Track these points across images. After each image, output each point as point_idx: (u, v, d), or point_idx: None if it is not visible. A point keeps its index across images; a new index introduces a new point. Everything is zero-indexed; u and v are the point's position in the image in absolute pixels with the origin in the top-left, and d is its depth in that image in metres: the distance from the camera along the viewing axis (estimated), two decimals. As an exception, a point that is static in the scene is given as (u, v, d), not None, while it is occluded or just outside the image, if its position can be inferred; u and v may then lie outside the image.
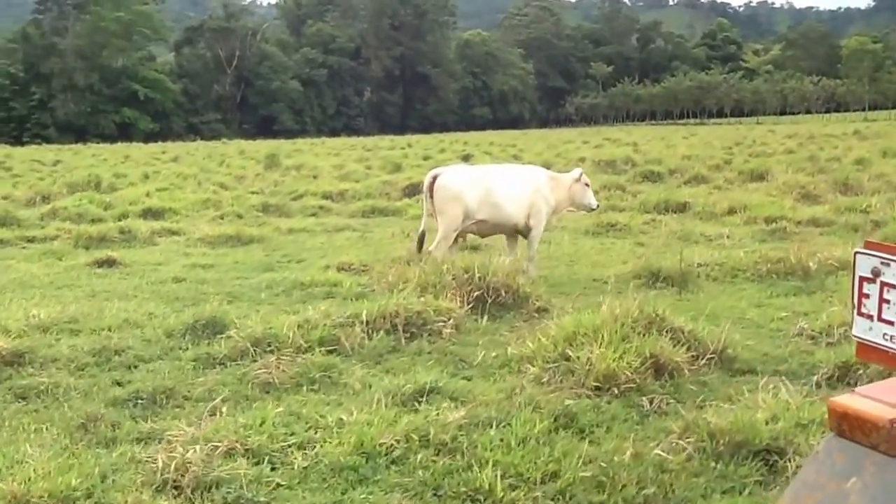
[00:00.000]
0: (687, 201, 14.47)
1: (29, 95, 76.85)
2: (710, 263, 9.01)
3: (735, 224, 12.48)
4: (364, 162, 29.39)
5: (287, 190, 18.98)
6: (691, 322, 6.09)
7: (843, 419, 1.85)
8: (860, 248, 1.93)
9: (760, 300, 7.72)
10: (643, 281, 8.44)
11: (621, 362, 5.06)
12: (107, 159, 36.50)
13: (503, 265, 7.55)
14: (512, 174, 9.27)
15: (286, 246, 11.59)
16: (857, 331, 1.92)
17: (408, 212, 14.91)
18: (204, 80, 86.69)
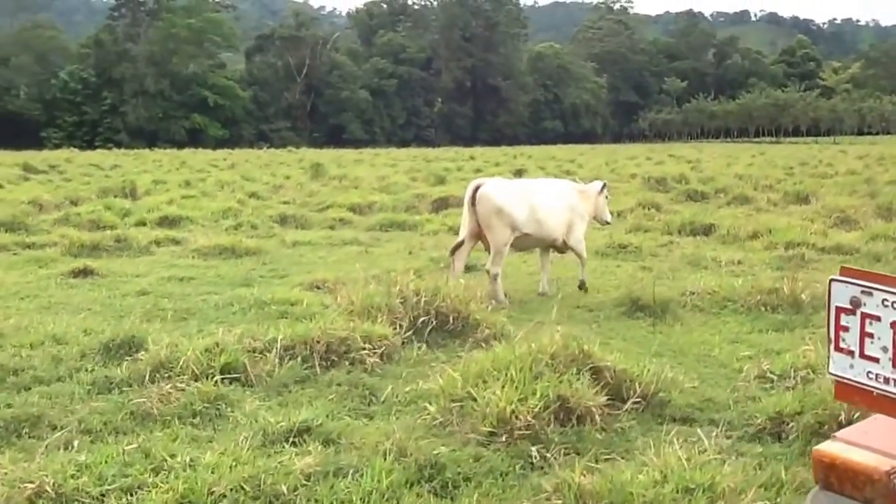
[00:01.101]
0: (713, 223, 13.81)
1: (101, 100, 79.08)
2: (700, 292, 8.44)
3: (755, 249, 11.81)
4: (412, 173, 29.16)
5: (317, 200, 18.83)
6: (632, 359, 5.58)
7: (831, 471, 1.69)
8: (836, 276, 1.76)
9: (738, 335, 7.16)
10: (623, 309, 7.94)
11: (522, 405, 4.60)
12: (162, 165, 37.09)
13: (457, 288, 7.13)
14: (549, 188, 9.22)
15: (281, 259, 11.36)
16: (836, 369, 1.74)
17: (425, 227, 14.59)
18: (274, 88, 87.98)
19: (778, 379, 5.74)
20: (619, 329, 7.39)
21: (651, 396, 5.14)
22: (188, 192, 19.92)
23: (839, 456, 1.71)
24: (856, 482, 1.66)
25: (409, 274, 7.61)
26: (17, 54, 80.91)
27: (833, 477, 1.70)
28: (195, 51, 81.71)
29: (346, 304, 6.91)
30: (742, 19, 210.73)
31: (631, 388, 5.13)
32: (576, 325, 7.42)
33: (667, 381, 5.43)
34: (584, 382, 4.88)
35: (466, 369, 5.14)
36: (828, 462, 1.72)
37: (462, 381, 5.01)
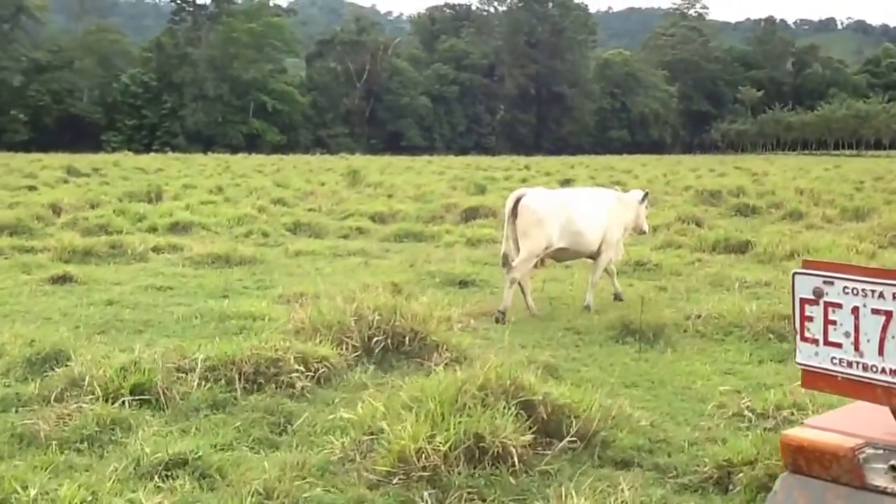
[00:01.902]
0: (749, 241, 13.10)
1: (161, 104, 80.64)
2: (707, 316, 7.86)
3: (789, 269, 11.05)
4: (455, 182, 28.77)
5: (342, 208, 18.60)
6: (591, 391, 5.10)
7: (799, 453, 1.79)
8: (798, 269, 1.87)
9: (733, 365, 6.60)
10: (614, 333, 7.43)
11: (430, 442, 4.17)
12: (205, 169, 37.43)
13: (422, 306, 6.74)
14: (589, 199, 9.14)
15: (275, 270, 11.08)
16: (802, 357, 1.85)
17: (442, 238, 14.22)
18: (333, 93, 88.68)
19: (756, 418, 5.22)
20: (601, 355, 6.89)
21: (593, 435, 4.66)
22: (212, 197, 19.85)
23: (806, 438, 1.79)
24: (822, 461, 1.74)
25: (378, 290, 7.25)
26: (80, 58, 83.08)
27: (801, 459, 1.78)
28: (255, 55, 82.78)
29: (297, 322, 6.57)
30: (827, 27, 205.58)
31: (570, 424, 4.65)
32: (555, 350, 7.01)
33: (621, 418, 4.96)
34: (508, 418, 4.42)
35: (390, 399, 4.74)
36: (795, 445, 1.79)
37: (383, 412, 4.61)
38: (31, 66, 79.57)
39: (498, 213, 16.89)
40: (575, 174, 37.21)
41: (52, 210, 17.17)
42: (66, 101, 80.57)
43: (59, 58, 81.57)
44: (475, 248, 13.20)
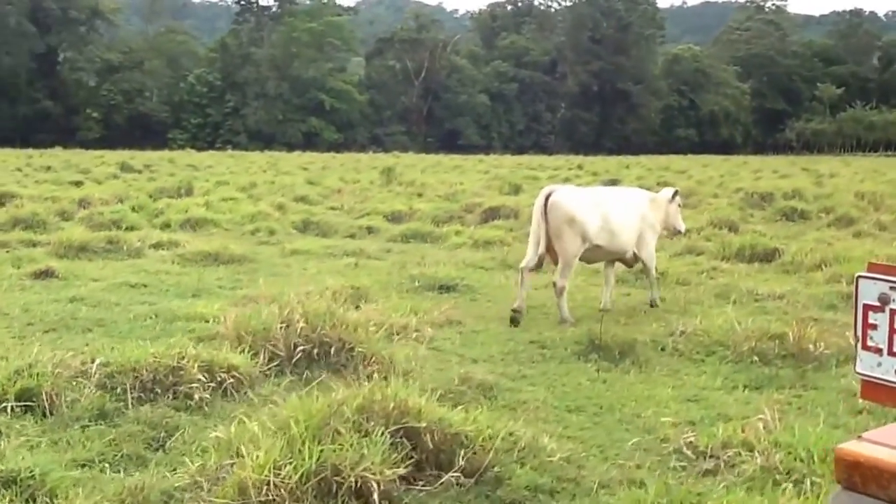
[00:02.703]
0: (777, 248, 12.32)
1: (224, 103, 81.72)
2: (691, 332, 7.24)
3: (814, 281, 10.34)
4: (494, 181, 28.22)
5: (362, 207, 18.26)
6: (507, 418, 4.61)
7: (854, 469, 1.73)
8: (863, 273, 1.79)
9: (701, 391, 6.00)
10: (580, 348, 6.87)
11: (277, 473, 3.72)
12: (250, 166, 37.56)
13: (362, 314, 6.32)
14: (622, 198, 8.93)
15: (260, 269, 10.77)
16: (863, 367, 1.80)
17: (450, 239, 13.76)
18: (391, 91, 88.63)
19: (696, 457, 4.65)
20: (556, 373, 6.34)
21: (484, 470, 4.14)
22: (236, 194, 19.69)
23: (863, 454, 1.72)
24: (881, 480, 1.67)
25: (323, 295, 6.86)
26: (150, 59, 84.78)
27: (857, 476, 1.72)
28: (315, 54, 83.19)
29: (224, 327, 6.20)
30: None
31: (460, 456, 4.15)
32: (508, 365, 6.53)
33: (530, 450, 4.43)
34: (379, 447, 3.94)
35: (269, 418, 4.30)
36: (851, 461, 1.73)
37: (255, 433, 4.18)
38: (104, 66, 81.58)
39: (521, 214, 16.38)
40: (627, 174, 36.37)
41: (80, 205, 17.26)
42: (135, 101, 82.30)
43: (129, 59, 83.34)
44: (480, 250, 12.70)
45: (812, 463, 4.40)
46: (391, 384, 4.44)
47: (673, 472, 4.50)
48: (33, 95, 77.42)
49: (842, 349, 6.72)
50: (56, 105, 77.81)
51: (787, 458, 4.46)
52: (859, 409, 5.47)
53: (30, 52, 77.46)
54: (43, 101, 77.41)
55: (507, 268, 11.04)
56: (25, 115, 76.00)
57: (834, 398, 5.73)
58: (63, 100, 78.17)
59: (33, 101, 77.25)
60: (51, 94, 78.24)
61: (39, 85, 78.27)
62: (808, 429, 4.78)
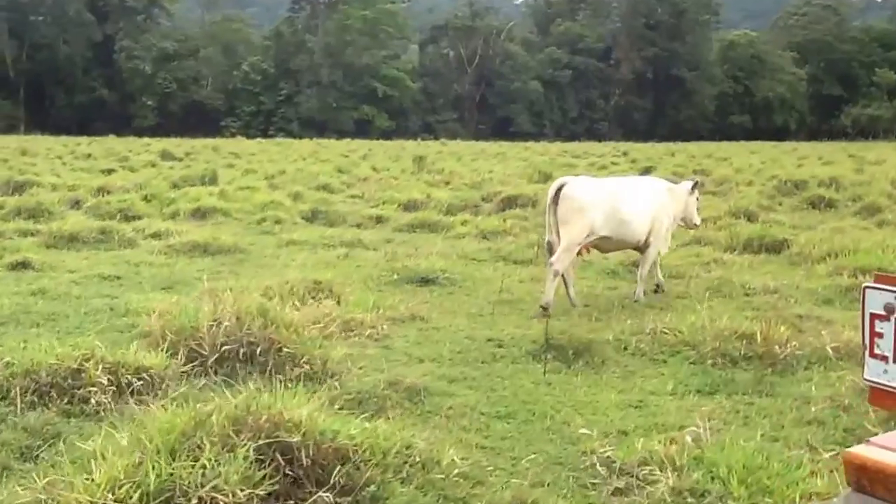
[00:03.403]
0: (786, 239, 11.69)
1: (277, 90, 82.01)
2: (661, 330, 6.77)
3: (815, 274, 9.76)
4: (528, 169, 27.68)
5: (380, 196, 17.93)
6: (392, 428, 4.23)
7: (862, 472, 1.75)
8: (870, 283, 1.82)
9: (648, 396, 5.57)
10: (535, 347, 6.45)
11: (115, 493, 3.40)
12: (290, 153, 37.53)
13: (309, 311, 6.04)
14: (637, 188, 8.78)
15: (252, 260, 10.58)
16: (870, 374, 1.84)
17: (455, 229, 13.37)
18: (444, 79, 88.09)
19: (608, 474, 4.23)
20: (501, 374, 5.94)
21: (362, 488, 3.78)
22: (256, 183, 19.50)
23: (871, 458, 1.73)
24: (887, 483, 1.69)
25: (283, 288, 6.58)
26: (205, 46, 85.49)
27: (864, 479, 1.74)
28: (369, 42, 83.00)
29: (149, 325, 5.92)
30: None
31: (337, 473, 3.79)
32: (453, 366, 6.16)
33: (427, 464, 4.07)
34: (241, 464, 3.60)
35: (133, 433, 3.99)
36: (859, 464, 1.75)
37: (126, 446, 3.88)
38: (159, 55, 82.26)
39: (539, 203, 15.91)
40: (669, 161, 35.61)
41: (98, 193, 17.25)
42: (190, 88, 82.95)
43: (185, 47, 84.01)
44: (483, 241, 12.28)
45: (730, 483, 3.95)
46: (277, 393, 4.10)
47: (579, 492, 4.10)
48: (90, 84, 78.38)
49: (815, 350, 6.24)
50: (112, 93, 78.73)
51: (703, 478, 4.03)
52: (808, 419, 4.99)
53: (87, 41, 78.47)
54: (99, 90, 78.37)
55: (500, 259, 10.67)
56: (82, 104, 77.10)
57: (786, 406, 5.25)
58: (119, 88, 79.04)
59: (90, 90, 78.23)
60: (107, 82, 79.13)
61: (96, 73, 79.21)
62: (742, 442, 4.34)
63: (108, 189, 17.70)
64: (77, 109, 76.48)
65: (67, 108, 76.82)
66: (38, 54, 77.29)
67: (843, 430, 4.81)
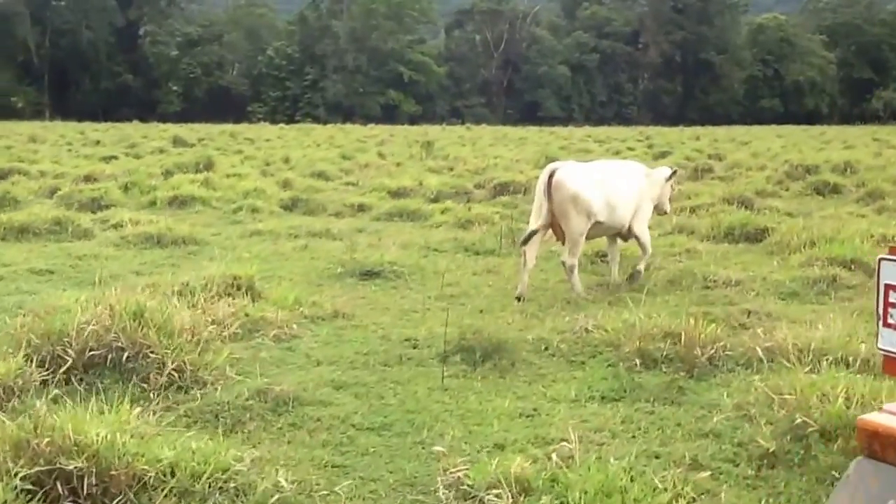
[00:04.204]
0: (768, 227, 11.10)
1: (303, 76, 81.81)
2: (585, 330, 6.28)
3: (788, 265, 9.17)
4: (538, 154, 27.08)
5: (374, 183, 17.47)
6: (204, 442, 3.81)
7: (875, 438, 1.77)
8: (885, 255, 1.85)
9: (543, 404, 5.08)
10: (449, 348, 5.97)
11: None
12: (305, 139, 37.20)
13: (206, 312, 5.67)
14: (622, 172, 8.59)
15: (204, 252, 10.15)
16: (884, 343, 1.85)
17: (434, 217, 12.89)
18: (471, 63, 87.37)
19: (456, 499, 3.78)
20: (399, 379, 5.50)
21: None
22: (247, 170, 19.13)
23: (882, 424, 1.78)
24: None
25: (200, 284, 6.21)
26: (229, 31, 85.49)
27: (876, 444, 1.76)
28: (394, 27, 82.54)
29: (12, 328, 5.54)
30: None
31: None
32: (348, 370, 5.71)
33: (243, 489, 3.65)
34: (9, 495, 3.19)
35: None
36: (871, 430, 1.79)
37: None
38: (184, 40, 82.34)
39: (529, 190, 15.39)
40: (689, 146, 34.78)
41: (85, 180, 17.01)
42: (215, 74, 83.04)
43: (209, 32, 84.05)
44: (460, 230, 11.78)
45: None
46: (68, 411, 3.69)
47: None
48: (114, 70, 78.60)
49: (746, 351, 5.71)
50: (137, 79, 78.89)
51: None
52: (705, 431, 4.50)
53: (111, 27, 78.64)
54: (124, 76, 78.58)
55: (463, 250, 10.19)
56: (107, 90, 77.35)
57: (687, 416, 4.77)
58: (144, 74, 79.12)
59: (114, 76, 78.45)
60: (132, 68, 79.31)
61: (120, 59, 79.39)
62: (613, 461, 3.86)
63: (94, 177, 17.43)
64: (102, 95, 76.74)
65: (93, 93, 77.11)
66: (61, 40, 77.54)
67: (736, 445, 4.31)
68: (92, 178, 17.21)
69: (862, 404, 4.32)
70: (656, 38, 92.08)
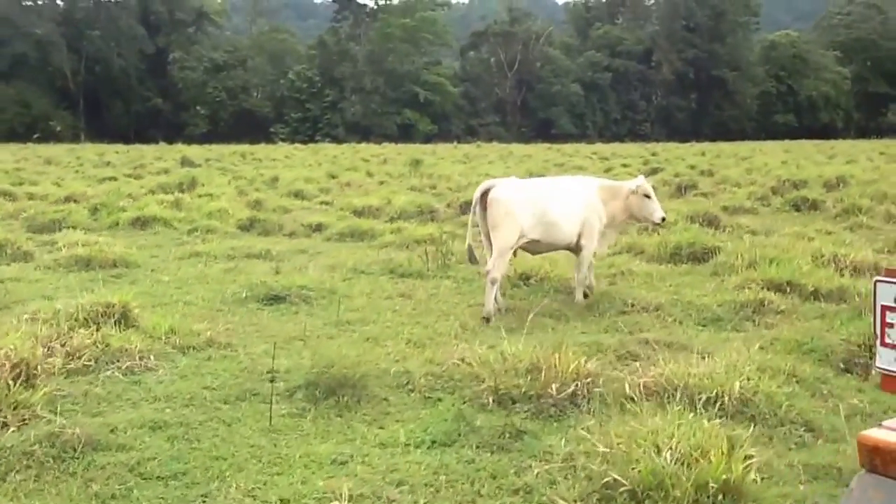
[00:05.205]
0: (717, 246, 10.44)
1: (323, 97, 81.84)
2: (454, 363, 5.70)
3: (723, 288, 8.53)
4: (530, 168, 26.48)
5: (342, 202, 16.99)
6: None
7: (875, 453, 1.79)
8: (881, 277, 1.85)
9: (369, 450, 4.51)
10: (309, 381, 5.42)
11: None
12: (305, 160, 36.82)
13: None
14: (564, 188, 8.23)
15: (130, 275, 9.67)
16: (882, 362, 1.86)
17: (384, 237, 12.35)
18: (486, 83, 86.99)
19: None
20: (230, 418, 4.97)
21: None
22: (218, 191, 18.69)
23: (883, 440, 1.77)
24: None
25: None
26: (253, 56, 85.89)
27: (877, 459, 1.77)
28: (410, 49, 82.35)
29: None
30: None
31: None
32: (185, 407, 5.19)
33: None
34: None
35: None
36: (872, 446, 1.79)
37: None
38: (210, 65, 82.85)
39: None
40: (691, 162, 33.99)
41: (66, 202, 16.73)
42: (239, 97, 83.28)
43: (234, 57, 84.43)
44: (402, 250, 11.24)
45: None
46: None
47: None
48: (144, 94, 79.39)
49: (616, 388, 5.10)
50: (166, 103, 79.60)
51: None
52: (517, 487, 3.92)
53: (140, 53, 79.42)
54: (154, 100, 79.35)
55: (388, 272, 9.62)
56: (138, 113, 78.15)
57: (509, 467, 4.19)
58: (172, 98, 79.83)
59: (145, 100, 79.25)
60: (161, 92, 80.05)
61: (150, 84, 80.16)
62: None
63: (74, 198, 17.13)
64: (133, 118, 77.56)
65: (124, 116, 77.84)
66: (95, 67, 78.45)
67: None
68: (72, 200, 16.90)
69: (686, 464, 3.71)
70: (668, 56, 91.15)
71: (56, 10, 79.90)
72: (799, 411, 4.90)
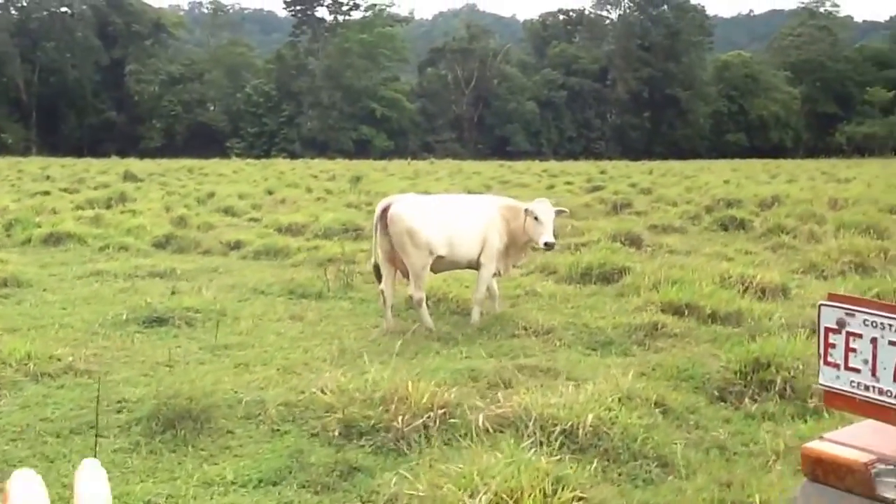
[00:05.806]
0: (626, 266, 10.27)
1: (279, 112, 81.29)
2: (318, 391, 5.41)
3: (623, 310, 8.34)
4: (472, 184, 26.33)
5: (270, 219, 16.63)
6: None
7: (817, 464, 1.89)
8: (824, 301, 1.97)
9: (188, 489, 4.19)
10: (152, 411, 5.10)
11: None
12: (250, 175, 36.34)
13: None
14: (466, 205, 8.20)
15: (20, 294, 9.26)
16: (824, 379, 1.96)
17: (296, 255, 12.05)
18: (443, 100, 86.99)
19: None
20: (55, 453, 4.63)
21: None
22: (153, 205, 18.28)
23: (825, 451, 1.88)
24: (838, 473, 1.83)
25: None
26: (210, 70, 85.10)
27: (819, 469, 1.87)
28: (367, 65, 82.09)
29: None
30: None
31: None
32: (10, 443, 4.78)
33: None
34: None
35: None
36: (814, 457, 1.88)
37: None
38: (166, 78, 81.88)
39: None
40: (633, 180, 34.10)
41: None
42: (195, 111, 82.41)
43: (191, 70, 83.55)
44: (312, 268, 10.94)
45: None
46: None
47: None
48: (99, 107, 78.14)
49: (468, 422, 4.83)
50: (121, 115, 78.47)
51: None
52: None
53: (96, 65, 78.24)
54: (108, 112, 78.18)
55: (286, 293, 9.31)
56: (92, 126, 76.80)
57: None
58: (128, 110, 78.74)
59: (99, 112, 77.95)
60: (116, 105, 78.94)
61: (105, 97, 78.95)
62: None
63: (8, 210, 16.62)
64: (87, 131, 76.22)
65: (78, 129, 76.50)
66: (49, 78, 77.07)
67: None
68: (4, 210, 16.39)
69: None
70: (624, 75, 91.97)
71: (10, 20, 78.48)
72: (654, 445, 4.68)
